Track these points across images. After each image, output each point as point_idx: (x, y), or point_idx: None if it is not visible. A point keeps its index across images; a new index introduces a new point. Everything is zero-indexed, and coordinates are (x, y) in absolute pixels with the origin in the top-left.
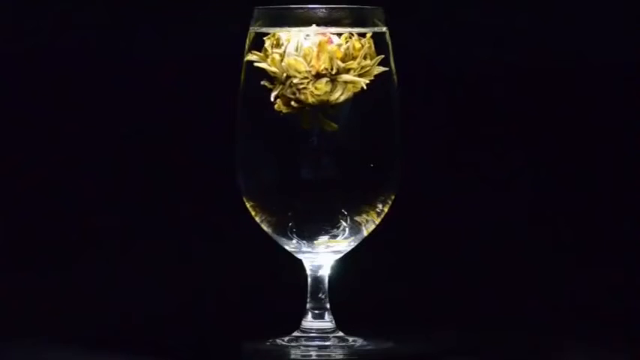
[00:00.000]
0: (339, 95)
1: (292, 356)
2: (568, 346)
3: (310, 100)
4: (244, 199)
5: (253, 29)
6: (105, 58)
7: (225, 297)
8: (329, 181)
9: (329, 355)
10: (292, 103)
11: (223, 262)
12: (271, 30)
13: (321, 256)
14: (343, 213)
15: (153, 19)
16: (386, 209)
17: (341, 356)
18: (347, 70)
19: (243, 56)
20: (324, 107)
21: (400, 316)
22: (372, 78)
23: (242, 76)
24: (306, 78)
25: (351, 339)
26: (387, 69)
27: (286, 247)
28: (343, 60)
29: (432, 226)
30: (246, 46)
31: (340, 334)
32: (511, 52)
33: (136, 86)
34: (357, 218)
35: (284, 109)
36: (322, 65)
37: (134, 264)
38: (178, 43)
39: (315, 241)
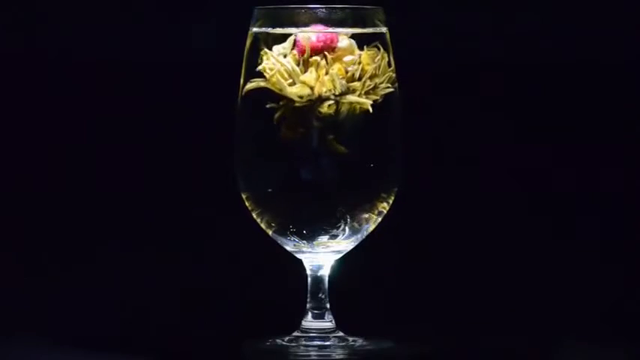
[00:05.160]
0: (345, 115)
1: (292, 356)
2: (568, 346)
3: (315, 123)
4: (244, 199)
5: (253, 29)
6: (105, 58)
7: (225, 297)
8: (329, 182)
9: (329, 355)
10: (300, 129)
11: (223, 262)
12: (271, 30)
13: (321, 256)
14: (343, 213)
15: (152, 18)
16: (386, 209)
17: (341, 356)
18: (352, 90)
19: (243, 56)
20: (332, 127)
21: (400, 316)
22: (378, 98)
23: (242, 77)
24: (310, 101)
25: (351, 339)
26: (393, 90)
27: (286, 247)
28: (349, 79)
29: (432, 226)
30: (246, 47)
31: (340, 334)
32: (511, 52)
33: (136, 86)
34: (357, 218)
35: (290, 135)
36: (324, 88)
37: (133, 264)
38: (178, 43)
39: (315, 242)
